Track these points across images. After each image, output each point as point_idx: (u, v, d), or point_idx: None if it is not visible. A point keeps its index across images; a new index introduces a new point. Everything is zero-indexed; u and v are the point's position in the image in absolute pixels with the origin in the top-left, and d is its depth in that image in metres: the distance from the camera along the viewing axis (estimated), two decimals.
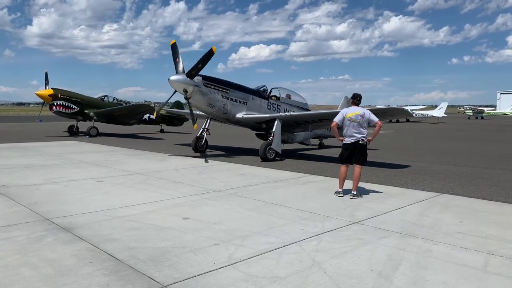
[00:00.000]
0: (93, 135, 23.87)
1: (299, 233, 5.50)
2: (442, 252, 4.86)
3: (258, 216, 6.41)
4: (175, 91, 13.22)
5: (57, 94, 23.91)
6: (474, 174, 11.06)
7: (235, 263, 4.43)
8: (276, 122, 13.66)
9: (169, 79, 12.82)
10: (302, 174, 10.89)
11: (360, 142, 8.02)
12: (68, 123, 26.59)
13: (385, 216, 6.51)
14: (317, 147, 18.71)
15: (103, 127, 26.65)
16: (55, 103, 23.86)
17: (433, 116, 59.61)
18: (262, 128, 14.79)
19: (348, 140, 8.12)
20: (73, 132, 25.22)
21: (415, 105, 77.69)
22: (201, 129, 15.64)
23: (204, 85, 13.32)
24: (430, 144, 21.34)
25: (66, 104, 24.22)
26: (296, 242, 5.13)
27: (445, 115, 60.48)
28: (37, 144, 18.78)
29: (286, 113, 14.41)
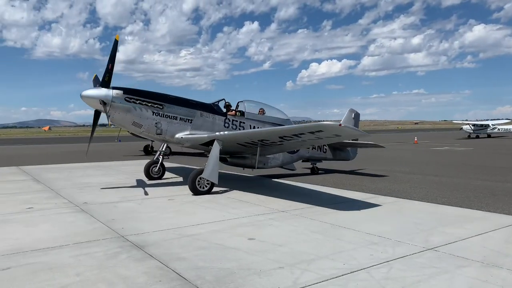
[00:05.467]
0: (167, 154, 25.10)
1: (368, 259, 5.26)
2: None
3: (325, 239, 6.24)
4: (96, 111, 11.31)
5: None
6: None
7: None
8: (214, 143, 10.81)
9: (81, 94, 10.81)
10: (371, 195, 10.47)
11: None
12: (144, 143, 28.26)
13: (464, 243, 6.00)
14: (309, 172, 15.50)
15: (176, 146, 27.88)
16: None
17: None
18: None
19: None
20: (148, 152, 26.73)
21: (498, 119, 71.58)
22: (158, 153, 14.01)
23: (126, 100, 10.96)
24: None
25: None
26: (364, 269, 4.90)
27: None
28: (116, 163, 20.17)
29: (225, 132, 11.47)
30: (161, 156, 13.76)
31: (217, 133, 11.29)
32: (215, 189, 11.04)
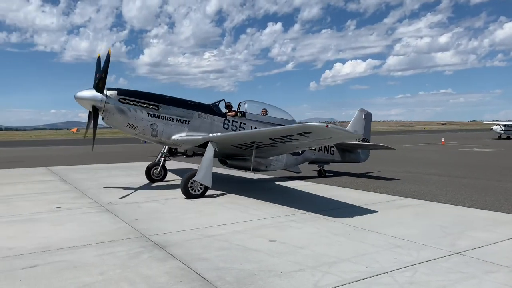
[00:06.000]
0: (190, 155, 25.34)
1: (392, 262, 5.14)
2: None
3: (347, 242, 6.14)
4: (90, 112, 11.03)
5: None
6: None
7: None
8: (208, 145, 10.44)
9: (75, 96, 10.75)
10: (396, 197, 10.26)
11: None
12: None
13: (493, 247, 5.79)
14: (316, 175, 14.80)
15: None
16: None
17: None
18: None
19: None
20: (172, 153, 27.05)
21: None
22: (159, 154, 13.64)
23: (120, 101, 10.86)
24: None
25: None
26: (387, 272, 4.79)
27: None
28: (141, 164, 20.47)
29: (217, 134, 10.99)
30: (162, 158, 13.43)
31: (210, 135, 10.93)
32: (234, 190, 11.05)
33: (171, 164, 19.87)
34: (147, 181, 13.25)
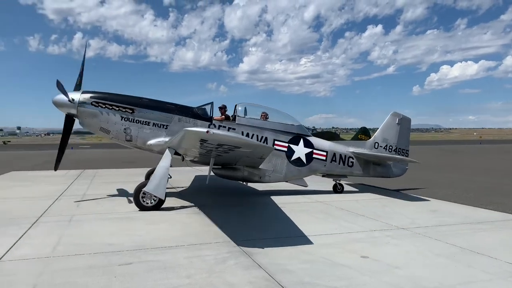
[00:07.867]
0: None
1: None
2: None
3: (452, 265, 5.41)
4: (67, 117, 10.70)
5: None
6: None
7: None
8: (166, 152, 9.21)
9: (52, 100, 10.49)
10: None
11: None
12: None
13: None
14: (331, 190, 12.61)
15: None
16: None
17: None
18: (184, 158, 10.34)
19: None
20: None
21: None
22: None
23: (93, 104, 10.40)
24: None
25: None
26: None
27: None
28: None
29: (166, 139, 9.85)
30: None
31: (167, 139, 9.99)
32: (322, 199, 10.60)
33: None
34: (239, 184, 13.43)
